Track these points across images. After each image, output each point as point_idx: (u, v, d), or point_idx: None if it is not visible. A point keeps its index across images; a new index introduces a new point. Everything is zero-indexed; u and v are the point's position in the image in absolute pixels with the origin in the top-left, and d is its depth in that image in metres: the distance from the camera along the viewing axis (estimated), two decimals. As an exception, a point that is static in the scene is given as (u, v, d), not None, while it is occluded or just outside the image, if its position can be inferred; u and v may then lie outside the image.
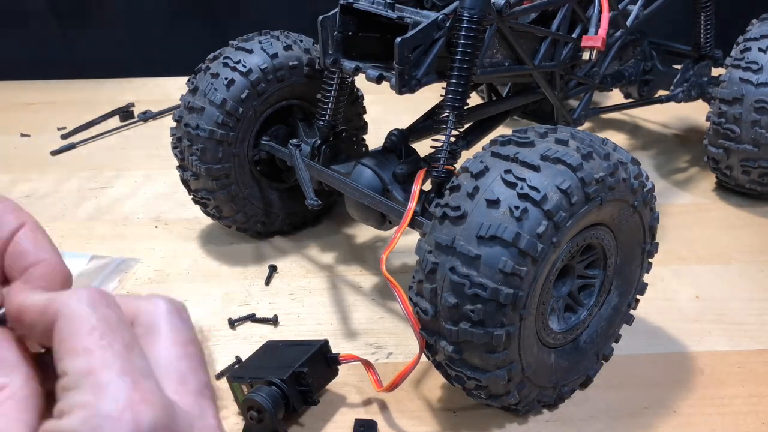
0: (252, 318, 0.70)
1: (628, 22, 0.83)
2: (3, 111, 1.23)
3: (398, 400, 0.60)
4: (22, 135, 1.13)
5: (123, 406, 0.25)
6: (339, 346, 0.67)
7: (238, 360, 0.64)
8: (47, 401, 0.28)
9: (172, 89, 1.25)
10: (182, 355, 0.29)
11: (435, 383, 0.62)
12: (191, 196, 0.81)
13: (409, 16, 0.62)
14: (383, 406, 0.60)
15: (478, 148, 0.59)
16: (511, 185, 0.50)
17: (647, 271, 0.62)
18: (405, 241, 0.82)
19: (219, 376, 0.63)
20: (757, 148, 0.86)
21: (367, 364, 0.60)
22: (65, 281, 0.32)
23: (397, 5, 0.64)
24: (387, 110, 0.98)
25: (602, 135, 0.59)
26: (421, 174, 0.62)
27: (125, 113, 1.19)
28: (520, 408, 0.56)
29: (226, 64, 0.74)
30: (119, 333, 0.27)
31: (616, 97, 1.06)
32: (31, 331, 0.29)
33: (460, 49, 0.61)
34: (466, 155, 0.60)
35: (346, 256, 0.81)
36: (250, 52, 0.75)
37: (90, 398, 0.25)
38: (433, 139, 0.64)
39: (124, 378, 0.26)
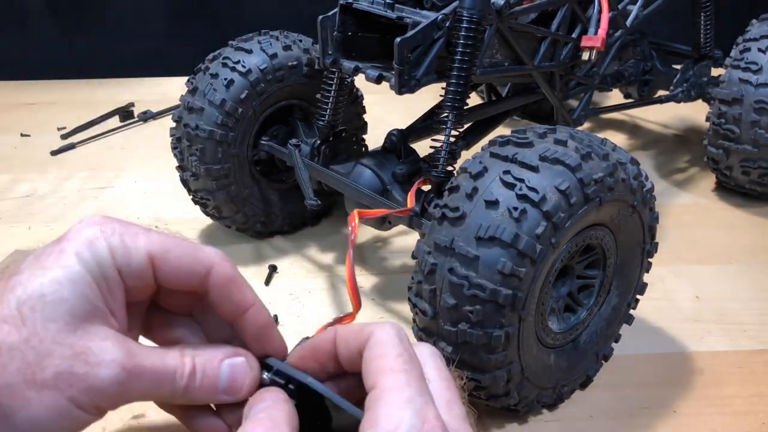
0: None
1: (628, 22, 0.83)
2: (3, 111, 1.23)
3: (398, 400, 0.60)
4: (22, 135, 1.13)
5: (422, 421, 0.31)
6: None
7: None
8: None
9: (172, 89, 1.25)
10: (447, 386, 0.35)
11: (434, 383, 0.61)
12: (191, 197, 0.81)
13: (409, 16, 0.62)
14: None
15: (477, 148, 0.59)
16: (509, 186, 0.50)
17: (647, 271, 0.62)
18: (405, 241, 0.83)
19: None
20: (756, 149, 0.86)
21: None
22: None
23: (396, 5, 0.64)
24: (387, 110, 0.98)
25: (602, 135, 0.59)
26: (418, 184, 0.63)
27: (125, 113, 1.19)
28: (520, 408, 0.56)
29: (225, 65, 0.74)
30: (416, 362, 0.34)
31: (615, 97, 1.06)
32: (345, 347, 0.36)
33: (459, 50, 0.61)
34: (465, 155, 0.60)
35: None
36: (250, 52, 0.75)
37: (395, 411, 0.31)
38: (432, 140, 0.64)
39: (421, 398, 0.32)
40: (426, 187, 0.64)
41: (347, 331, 0.37)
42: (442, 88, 0.63)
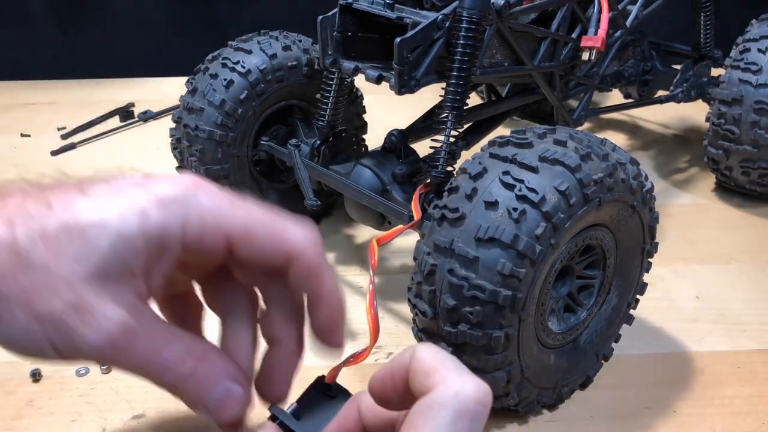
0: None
1: (628, 23, 0.83)
2: (3, 111, 1.23)
3: (398, 400, 0.60)
4: (22, 135, 1.13)
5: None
6: (338, 347, 0.67)
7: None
8: None
9: (172, 89, 1.25)
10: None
11: (434, 384, 0.61)
12: (191, 197, 0.81)
13: (409, 16, 0.62)
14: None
15: (477, 148, 0.59)
16: (509, 187, 0.50)
17: (647, 271, 0.62)
18: (405, 241, 0.83)
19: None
20: (756, 149, 0.86)
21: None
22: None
23: (396, 5, 0.64)
24: (386, 110, 0.98)
25: (602, 135, 0.59)
26: (419, 191, 0.62)
27: (125, 113, 1.19)
28: (520, 409, 0.57)
29: (224, 65, 0.74)
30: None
31: (615, 97, 1.06)
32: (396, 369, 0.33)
33: (459, 50, 0.61)
34: (465, 155, 0.60)
35: (346, 256, 0.81)
36: (249, 52, 0.75)
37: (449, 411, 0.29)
38: (432, 140, 0.64)
39: (472, 380, 0.30)
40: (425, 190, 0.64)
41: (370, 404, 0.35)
42: (442, 88, 0.63)
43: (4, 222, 0.32)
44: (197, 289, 0.42)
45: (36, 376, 0.61)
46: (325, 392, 0.41)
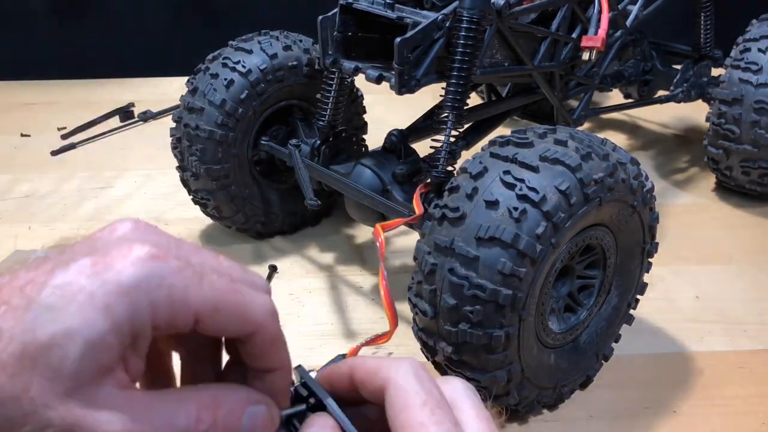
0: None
1: (628, 23, 0.83)
2: (3, 111, 1.23)
3: (398, 400, 0.60)
4: (22, 135, 1.13)
5: None
6: (339, 346, 0.67)
7: (238, 360, 0.64)
8: None
9: (172, 89, 1.25)
10: (488, 428, 0.31)
11: (435, 383, 0.61)
12: (191, 197, 0.81)
13: (409, 16, 0.62)
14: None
15: (477, 148, 0.59)
16: (510, 186, 0.50)
17: (647, 271, 0.62)
18: (405, 241, 0.83)
19: (219, 377, 0.63)
20: (756, 149, 0.86)
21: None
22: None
23: (396, 5, 0.64)
24: (387, 110, 0.98)
25: (602, 135, 0.59)
26: (420, 189, 0.62)
27: (125, 113, 1.19)
28: (520, 408, 0.56)
29: (225, 65, 0.74)
30: (446, 409, 0.31)
31: (616, 97, 1.06)
32: (363, 388, 0.33)
33: (459, 50, 0.61)
34: (465, 155, 0.60)
35: (346, 256, 0.81)
36: (250, 52, 0.75)
37: None
38: (432, 140, 0.64)
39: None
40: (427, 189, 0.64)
41: (362, 373, 0.34)
42: (442, 88, 0.63)
43: None
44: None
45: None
46: None
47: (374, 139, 0.80)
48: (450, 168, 0.63)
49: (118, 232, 0.33)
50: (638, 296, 0.63)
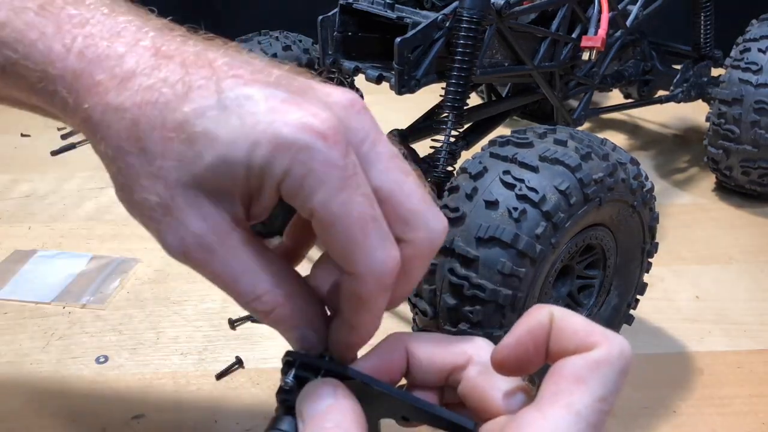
0: (252, 318, 0.70)
1: (628, 23, 0.83)
2: (3, 111, 1.22)
3: (398, 400, 0.60)
4: (22, 135, 1.13)
5: None
6: (339, 347, 0.67)
7: (238, 360, 0.64)
8: None
9: (172, 89, 1.25)
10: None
11: (434, 384, 0.61)
12: (191, 197, 0.81)
13: (409, 16, 0.62)
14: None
15: (477, 148, 0.59)
16: (509, 186, 0.50)
17: (647, 271, 0.62)
18: (405, 241, 0.82)
19: (219, 377, 0.63)
20: (756, 149, 0.86)
21: None
22: None
23: (396, 5, 0.64)
24: (387, 110, 0.98)
25: (602, 135, 0.59)
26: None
27: (125, 113, 1.19)
28: (520, 408, 0.56)
29: (225, 65, 0.74)
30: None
31: (615, 97, 1.06)
32: (430, 362, 0.34)
33: (459, 50, 0.61)
34: (465, 155, 0.60)
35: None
36: (249, 52, 0.75)
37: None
38: (432, 140, 0.64)
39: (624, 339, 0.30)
40: None
41: (429, 347, 0.34)
42: (442, 88, 0.63)
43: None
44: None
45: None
46: None
47: (374, 139, 0.79)
48: (450, 168, 0.63)
49: (333, 97, 0.33)
50: (638, 296, 0.63)
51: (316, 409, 0.30)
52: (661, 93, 0.99)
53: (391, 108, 0.99)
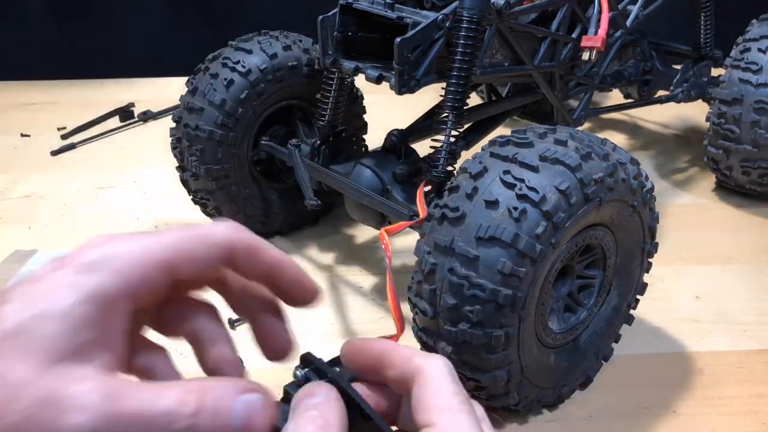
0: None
1: (628, 23, 0.83)
2: (3, 111, 1.23)
3: (398, 400, 0.60)
4: (22, 135, 1.13)
5: None
6: (339, 346, 0.67)
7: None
8: None
9: (172, 89, 1.25)
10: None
11: (435, 383, 0.61)
12: (191, 197, 0.81)
13: (409, 16, 0.62)
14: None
15: (477, 148, 0.59)
16: (509, 186, 0.50)
17: (647, 271, 0.62)
18: (405, 241, 0.83)
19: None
20: (756, 149, 0.86)
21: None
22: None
23: (396, 5, 0.64)
24: (387, 110, 0.98)
25: (602, 135, 0.59)
26: (422, 188, 0.62)
27: (125, 113, 1.19)
28: (520, 408, 0.56)
29: (225, 65, 0.74)
30: (470, 403, 0.32)
31: (615, 97, 1.06)
32: (388, 372, 0.34)
33: (459, 50, 0.61)
34: (465, 155, 0.60)
35: (346, 256, 0.81)
36: (250, 52, 0.75)
37: None
38: (432, 140, 0.64)
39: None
40: (428, 187, 0.64)
41: (395, 355, 0.34)
42: (442, 88, 0.63)
43: None
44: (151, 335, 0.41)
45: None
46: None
47: (374, 139, 0.80)
48: (450, 168, 0.63)
49: (85, 242, 0.34)
50: (638, 296, 0.63)
51: (307, 401, 0.33)
52: (661, 93, 0.99)
53: (391, 108, 0.99)
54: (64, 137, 1.12)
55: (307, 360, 0.35)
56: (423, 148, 0.70)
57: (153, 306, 0.36)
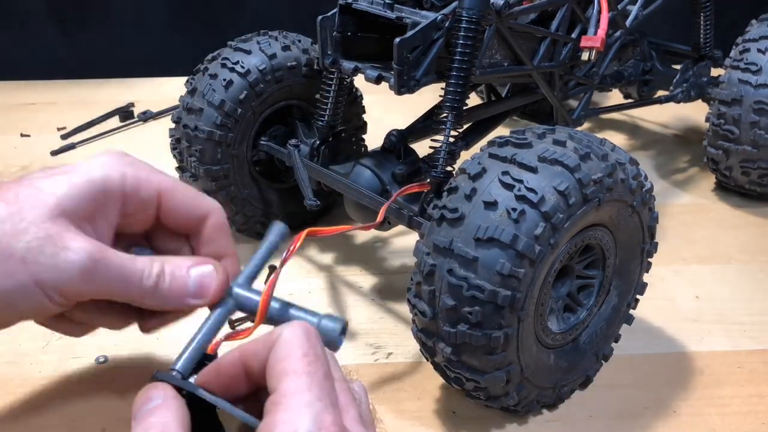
0: (251, 319, 0.70)
1: (628, 23, 0.83)
2: (3, 111, 1.23)
3: (398, 400, 0.60)
4: (22, 135, 1.13)
5: (319, 427, 0.29)
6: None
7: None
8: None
9: (172, 89, 1.25)
10: (341, 389, 0.34)
11: (435, 384, 0.62)
12: (191, 197, 0.81)
13: (408, 16, 0.62)
14: (383, 406, 0.60)
15: (477, 148, 0.59)
16: (508, 187, 0.50)
17: (647, 271, 0.62)
18: (404, 241, 0.83)
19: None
20: (756, 149, 0.86)
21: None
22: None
23: (396, 5, 0.64)
24: (386, 110, 0.98)
25: (601, 135, 0.59)
26: (396, 195, 0.62)
27: (125, 113, 1.19)
28: (520, 409, 0.57)
29: (224, 65, 0.74)
30: (322, 362, 0.32)
31: (615, 97, 1.06)
32: (256, 359, 0.34)
33: (459, 50, 0.61)
34: (465, 156, 0.60)
35: (346, 256, 0.81)
36: (249, 52, 0.75)
37: (293, 416, 0.30)
38: (432, 140, 0.64)
39: (321, 402, 0.30)
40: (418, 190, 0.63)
41: (255, 343, 0.35)
42: (442, 88, 0.63)
43: None
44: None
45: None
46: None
47: (374, 139, 0.80)
48: (449, 168, 0.63)
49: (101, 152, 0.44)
50: (638, 296, 0.63)
51: (144, 409, 0.35)
52: (660, 93, 0.99)
53: (391, 108, 0.99)
54: (63, 137, 1.12)
55: (154, 378, 0.38)
56: (422, 148, 0.70)
57: (134, 230, 0.44)
